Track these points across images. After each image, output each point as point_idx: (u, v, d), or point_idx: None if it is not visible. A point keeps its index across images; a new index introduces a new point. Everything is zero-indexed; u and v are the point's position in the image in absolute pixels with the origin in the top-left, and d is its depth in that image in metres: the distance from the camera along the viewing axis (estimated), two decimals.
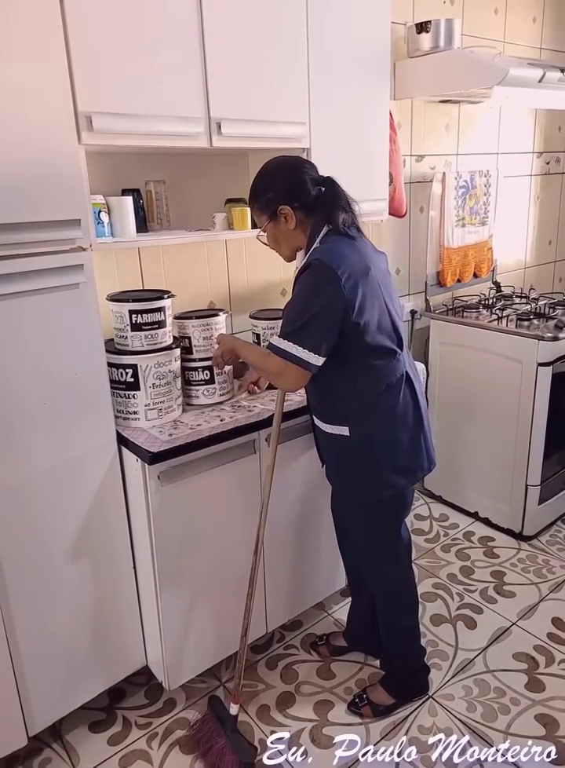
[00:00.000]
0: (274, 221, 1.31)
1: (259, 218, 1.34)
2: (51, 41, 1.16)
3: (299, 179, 1.28)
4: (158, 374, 1.44)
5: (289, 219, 1.29)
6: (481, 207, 2.56)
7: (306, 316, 1.20)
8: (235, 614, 1.60)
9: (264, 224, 1.33)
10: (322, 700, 1.61)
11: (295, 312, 1.23)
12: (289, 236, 1.32)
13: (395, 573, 1.50)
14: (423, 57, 2.09)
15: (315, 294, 1.20)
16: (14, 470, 1.26)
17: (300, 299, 1.23)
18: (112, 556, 1.47)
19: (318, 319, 1.19)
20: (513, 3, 2.55)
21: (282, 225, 1.30)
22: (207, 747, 1.43)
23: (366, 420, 1.31)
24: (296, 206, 1.28)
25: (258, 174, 1.33)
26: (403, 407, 1.34)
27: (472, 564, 2.15)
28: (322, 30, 1.64)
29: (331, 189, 1.29)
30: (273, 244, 1.37)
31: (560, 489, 2.35)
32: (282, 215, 1.29)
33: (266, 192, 1.30)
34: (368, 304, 1.23)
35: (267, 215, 1.31)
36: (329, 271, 1.18)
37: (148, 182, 1.68)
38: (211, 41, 1.41)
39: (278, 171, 1.31)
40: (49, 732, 1.51)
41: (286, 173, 1.30)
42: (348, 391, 1.30)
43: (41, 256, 1.20)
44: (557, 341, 2.05)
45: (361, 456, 1.34)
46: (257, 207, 1.33)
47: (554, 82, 2.06)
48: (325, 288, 1.19)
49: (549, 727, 1.50)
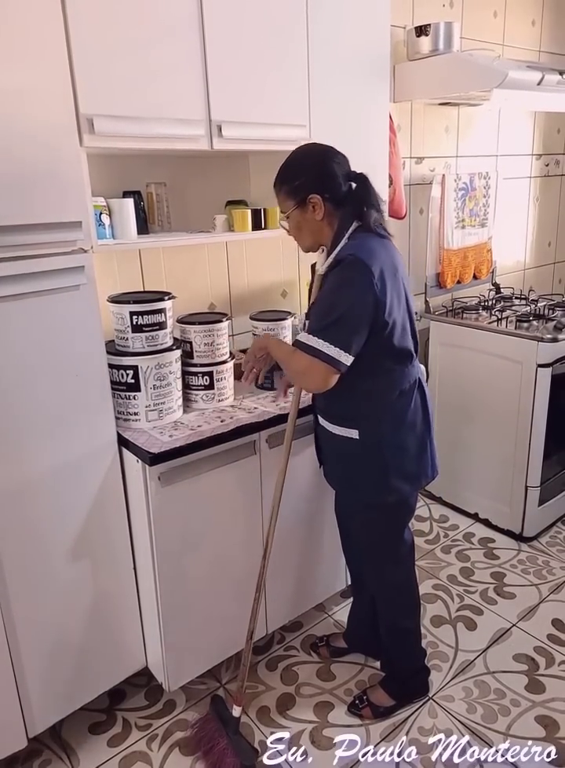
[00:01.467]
0: (301, 208, 1.25)
1: (284, 203, 1.28)
2: (53, 43, 1.16)
3: (332, 170, 1.24)
4: (159, 376, 1.44)
5: (318, 209, 1.24)
6: (480, 209, 2.57)
7: (337, 312, 1.15)
8: (235, 615, 1.60)
9: (290, 209, 1.27)
10: (322, 702, 1.60)
11: (325, 308, 1.18)
12: (314, 227, 1.27)
13: (398, 575, 1.50)
14: (422, 60, 2.10)
15: (348, 290, 1.16)
16: (15, 471, 1.26)
17: (331, 295, 1.19)
18: (112, 557, 1.47)
19: (349, 316, 1.16)
20: (512, 6, 2.56)
21: (309, 214, 1.26)
22: (208, 747, 1.43)
23: (378, 424, 1.30)
24: (326, 197, 1.24)
25: (290, 157, 1.28)
26: (414, 412, 1.33)
27: (472, 565, 2.15)
28: (322, 32, 1.65)
29: (363, 186, 1.26)
30: (295, 232, 1.31)
31: (560, 490, 2.35)
32: (312, 204, 1.24)
33: (297, 176, 1.24)
34: (396, 304, 1.22)
35: (294, 201, 1.25)
36: (363, 267, 1.15)
37: (149, 184, 1.68)
38: (212, 44, 1.41)
39: (312, 158, 1.26)
40: (49, 733, 1.51)
41: (320, 161, 1.25)
42: (362, 393, 1.27)
43: (43, 258, 1.20)
44: (556, 342, 2.06)
45: (369, 460, 1.33)
46: (285, 191, 1.27)
47: (553, 84, 2.07)
48: (358, 284, 1.15)
49: (549, 729, 1.50)
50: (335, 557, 1.84)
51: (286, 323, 1.72)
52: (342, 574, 1.88)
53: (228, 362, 1.60)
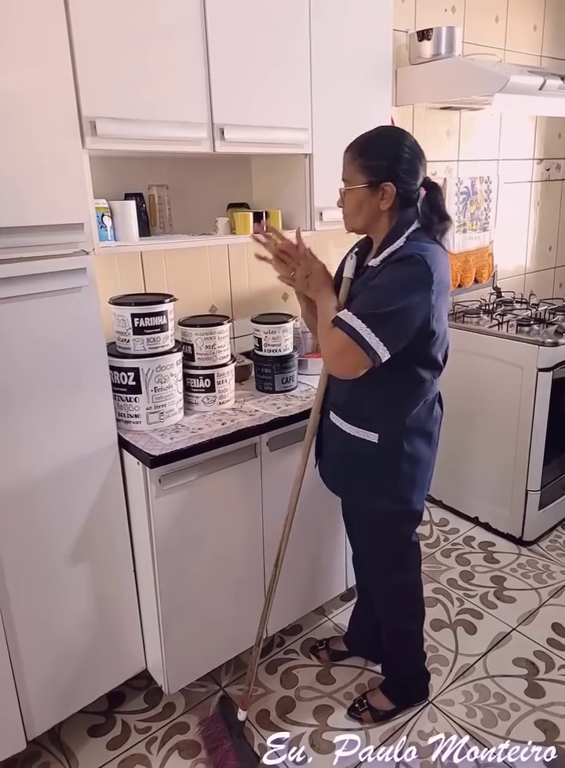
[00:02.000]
0: (371, 189, 1.18)
1: (354, 175, 1.20)
2: (55, 45, 1.17)
3: (417, 169, 1.20)
4: (160, 378, 1.45)
5: (387, 198, 1.18)
6: (482, 213, 2.58)
7: (392, 305, 1.11)
8: (235, 618, 1.60)
9: (358, 184, 1.19)
10: (322, 705, 1.60)
11: (380, 297, 1.13)
12: (374, 213, 1.21)
13: (404, 580, 1.49)
14: (424, 64, 2.10)
15: (409, 289, 1.13)
16: (16, 473, 1.26)
17: (391, 287, 1.14)
18: (113, 559, 1.47)
19: (402, 313, 1.12)
20: (514, 11, 2.57)
21: (376, 200, 1.19)
22: (213, 747, 1.44)
23: (400, 432, 1.27)
24: (399, 192, 1.18)
25: (379, 134, 1.21)
26: (433, 424, 1.33)
27: (472, 569, 2.15)
28: (325, 36, 1.65)
29: (438, 195, 1.23)
30: (352, 208, 1.22)
31: (560, 494, 2.35)
32: (383, 190, 1.18)
33: (380, 157, 1.17)
34: (444, 316, 1.21)
35: (366, 179, 1.18)
36: (427, 271, 1.13)
37: (151, 186, 1.69)
38: (214, 47, 1.42)
39: (403, 148, 1.18)
40: (48, 736, 1.51)
41: (411, 156, 1.19)
42: (390, 397, 1.24)
43: (45, 260, 1.21)
44: (557, 346, 2.06)
45: (382, 467, 1.30)
46: (361, 164, 1.18)
47: (554, 89, 2.08)
48: (420, 286, 1.13)
49: (549, 733, 1.50)
50: (335, 561, 1.83)
51: (288, 326, 1.72)
52: (342, 578, 1.88)
53: (229, 365, 1.60)
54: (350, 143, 1.24)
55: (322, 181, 1.73)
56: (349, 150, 1.23)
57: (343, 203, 1.25)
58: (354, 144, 1.22)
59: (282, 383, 1.72)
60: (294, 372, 1.75)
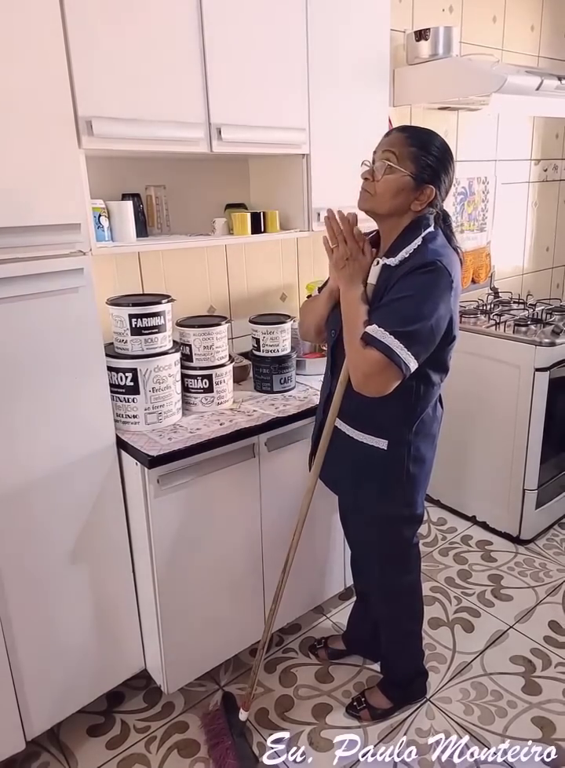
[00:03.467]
0: (415, 184, 1.15)
1: (403, 161, 1.14)
2: (52, 45, 1.16)
3: (451, 183, 1.21)
4: (158, 379, 1.45)
5: (423, 200, 1.17)
6: (479, 214, 2.58)
7: (423, 320, 1.10)
8: (233, 618, 1.60)
9: (404, 172, 1.14)
10: (321, 704, 1.61)
11: (410, 311, 1.11)
12: (404, 208, 1.17)
13: (404, 582, 1.49)
14: (422, 65, 2.11)
15: (436, 299, 1.12)
16: (13, 474, 1.26)
17: (419, 299, 1.12)
18: (111, 559, 1.47)
19: (434, 326, 1.12)
20: (512, 11, 2.57)
21: (412, 196, 1.16)
22: (214, 743, 1.45)
23: (409, 437, 1.27)
24: (434, 199, 1.17)
25: (437, 137, 1.18)
26: (436, 426, 1.34)
27: (469, 567, 2.15)
28: (322, 36, 1.65)
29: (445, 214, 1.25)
30: (389, 189, 1.15)
31: (557, 493, 2.36)
32: (423, 192, 1.16)
33: (432, 159, 1.15)
34: (457, 320, 1.21)
35: (414, 172, 1.14)
36: (448, 278, 1.13)
37: (148, 187, 1.69)
38: (211, 46, 1.42)
39: (451, 160, 1.19)
40: (47, 736, 1.51)
41: (453, 171, 1.20)
42: (403, 404, 1.22)
43: (41, 260, 1.20)
44: (554, 346, 2.07)
45: (391, 471, 1.30)
46: (414, 155, 1.14)
47: (552, 89, 2.08)
48: (444, 296, 1.13)
49: (546, 730, 1.51)
50: (333, 560, 1.84)
51: (286, 326, 1.73)
52: (340, 577, 1.89)
53: (227, 365, 1.61)
54: (405, 125, 1.21)
55: (320, 181, 1.73)
56: (406, 131, 1.17)
57: (377, 178, 1.16)
58: (412, 130, 1.18)
59: (281, 384, 1.72)
60: (292, 373, 1.75)
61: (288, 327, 1.74)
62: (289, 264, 2.10)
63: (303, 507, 1.39)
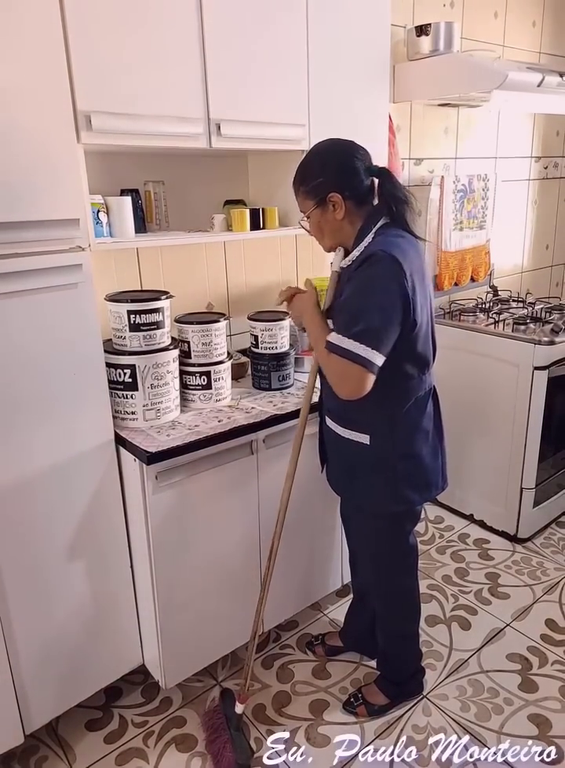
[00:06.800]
0: (321, 207, 1.22)
1: (304, 203, 1.25)
2: (50, 39, 1.16)
3: (352, 166, 1.20)
4: (156, 375, 1.45)
5: (338, 208, 1.21)
6: (479, 211, 2.57)
7: (369, 311, 1.12)
8: (231, 613, 1.61)
9: (310, 209, 1.24)
10: (318, 700, 1.61)
11: (356, 307, 1.13)
12: (335, 226, 1.24)
13: (402, 580, 1.50)
14: (422, 60, 2.10)
15: (380, 287, 1.12)
16: (11, 470, 1.26)
17: (362, 293, 1.14)
18: (109, 555, 1.47)
19: (381, 314, 1.11)
20: (513, 7, 2.56)
21: (330, 214, 1.22)
22: (213, 737, 1.46)
23: (391, 431, 1.27)
24: (347, 195, 1.20)
25: (308, 156, 1.25)
26: (427, 421, 1.32)
27: (466, 566, 2.16)
28: (322, 31, 1.64)
29: (388, 181, 1.22)
30: (316, 232, 1.28)
31: (555, 492, 2.36)
32: (332, 203, 1.20)
33: (316, 175, 1.21)
34: (423, 307, 1.19)
35: (314, 201, 1.22)
36: (395, 264, 1.11)
37: (147, 182, 1.68)
38: (211, 42, 1.41)
39: (330, 155, 1.22)
40: (46, 730, 1.52)
41: (340, 158, 1.21)
42: (378, 398, 1.20)
43: (40, 255, 1.20)
44: (553, 345, 2.06)
45: (378, 467, 1.30)
46: (304, 191, 1.24)
47: (553, 86, 2.07)
48: (391, 281, 1.12)
49: (542, 727, 1.51)
50: (331, 557, 1.85)
51: (284, 323, 1.72)
52: (338, 573, 1.89)
53: (226, 362, 1.60)
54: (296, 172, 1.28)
55: None
56: (293, 185, 1.28)
57: (312, 232, 1.30)
58: (294, 179, 1.27)
59: (279, 381, 1.72)
60: (291, 370, 1.75)
61: (286, 325, 1.74)
62: (288, 261, 2.09)
63: (284, 492, 1.41)
